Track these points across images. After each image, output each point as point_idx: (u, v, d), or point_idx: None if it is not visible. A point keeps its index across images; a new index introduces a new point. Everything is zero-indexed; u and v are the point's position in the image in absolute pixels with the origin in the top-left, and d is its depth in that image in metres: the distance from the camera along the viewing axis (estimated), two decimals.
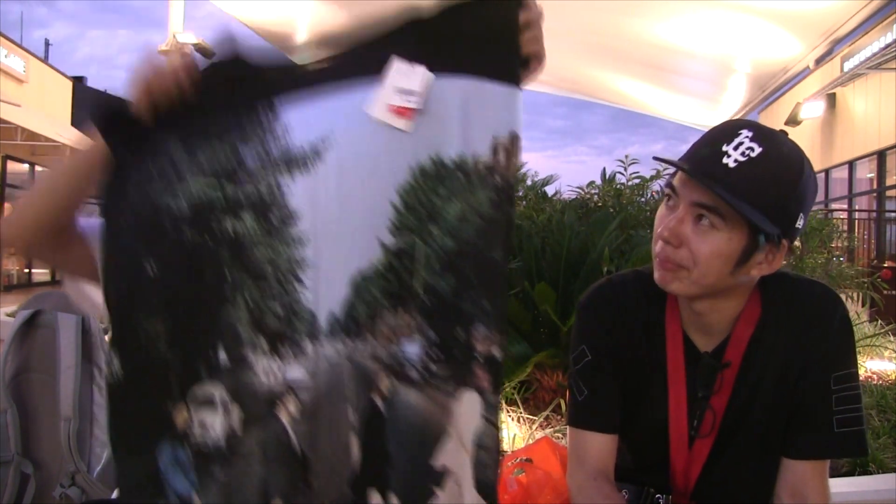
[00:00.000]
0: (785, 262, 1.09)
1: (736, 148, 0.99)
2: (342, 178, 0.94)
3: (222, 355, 0.94)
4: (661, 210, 1.08)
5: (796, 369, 1.09)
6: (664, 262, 1.05)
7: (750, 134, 1.00)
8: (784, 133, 1.06)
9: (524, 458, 1.33)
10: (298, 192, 0.94)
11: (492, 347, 0.92)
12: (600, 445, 1.14)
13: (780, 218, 1.00)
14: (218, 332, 0.94)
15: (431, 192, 0.94)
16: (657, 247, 1.06)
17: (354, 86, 0.96)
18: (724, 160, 0.99)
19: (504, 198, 0.93)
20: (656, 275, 1.07)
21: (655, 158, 1.22)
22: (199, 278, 0.95)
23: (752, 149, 0.99)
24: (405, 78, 0.95)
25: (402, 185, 0.94)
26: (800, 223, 1.03)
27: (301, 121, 0.95)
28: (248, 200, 0.94)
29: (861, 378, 3.98)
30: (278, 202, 0.94)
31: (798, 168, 1.01)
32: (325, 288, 0.93)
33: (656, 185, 4.66)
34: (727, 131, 1.02)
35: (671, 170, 1.08)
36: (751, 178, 0.98)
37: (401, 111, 0.94)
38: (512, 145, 0.93)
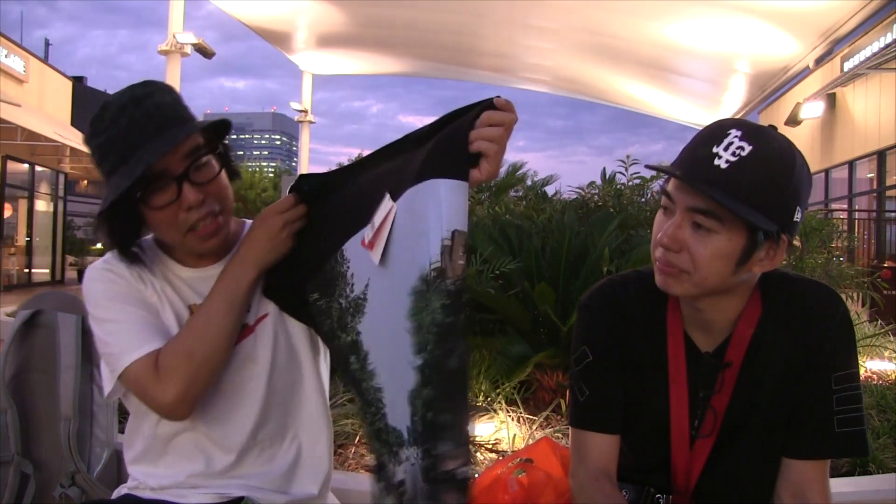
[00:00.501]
0: (785, 262, 1.09)
1: (726, 148, 0.99)
2: (379, 314, 1.06)
3: None
4: (659, 216, 1.08)
5: (797, 369, 1.09)
6: (665, 266, 1.05)
7: (739, 133, 1.00)
8: (773, 127, 1.06)
9: (525, 458, 1.33)
10: (363, 333, 1.09)
11: (459, 467, 0.89)
12: (602, 446, 1.15)
13: (778, 214, 1.00)
14: None
15: (423, 309, 0.96)
16: (657, 252, 1.06)
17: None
18: (716, 162, 0.99)
19: (456, 302, 0.92)
20: (658, 279, 1.07)
21: (648, 167, 1.20)
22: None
23: (742, 148, 0.98)
24: (378, 210, 1.05)
25: (409, 310, 0.97)
26: (797, 216, 1.03)
27: (357, 267, 1.10)
28: (349, 345, 1.11)
29: (861, 378, 3.97)
30: (357, 348, 1.09)
31: (790, 162, 1.01)
32: (394, 407, 1.01)
33: (656, 186, 4.67)
34: (716, 132, 1.02)
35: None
36: (744, 178, 0.98)
37: (370, 245, 1.05)
38: (455, 245, 0.91)
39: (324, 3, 10.72)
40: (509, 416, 2.76)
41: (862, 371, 3.91)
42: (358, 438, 2.58)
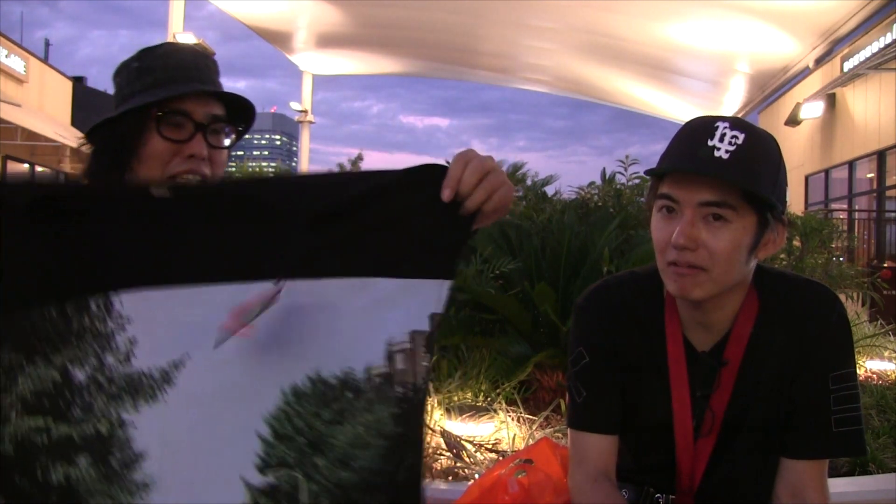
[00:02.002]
0: (785, 263, 1.10)
1: (721, 139, 1.01)
2: (197, 408, 0.79)
3: None
4: (658, 221, 1.06)
5: (794, 368, 1.09)
6: (683, 268, 1.03)
7: (727, 124, 1.02)
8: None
9: (525, 459, 1.33)
10: (144, 427, 0.78)
11: None
12: (601, 446, 1.14)
13: (779, 193, 1.04)
14: None
15: (312, 416, 0.80)
16: (670, 256, 1.03)
17: (218, 283, 0.81)
18: (717, 154, 1.00)
19: (410, 409, 0.81)
20: (674, 286, 1.05)
21: (647, 173, 1.15)
22: None
23: (736, 136, 1.01)
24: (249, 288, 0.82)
25: (272, 411, 0.79)
26: (785, 198, 1.07)
27: (149, 334, 0.79)
28: (83, 441, 0.76)
29: (861, 378, 3.97)
30: (120, 441, 0.77)
31: (775, 144, 1.07)
32: None
33: None
34: (705, 126, 1.03)
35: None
36: (748, 163, 1.00)
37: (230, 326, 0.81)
38: (415, 346, 0.81)
39: (324, 3, 10.72)
40: (509, 416, 2.76)
41: (862, 371, 3.90)
42: None
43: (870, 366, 3.99)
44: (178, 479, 0.78)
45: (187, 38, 9.18)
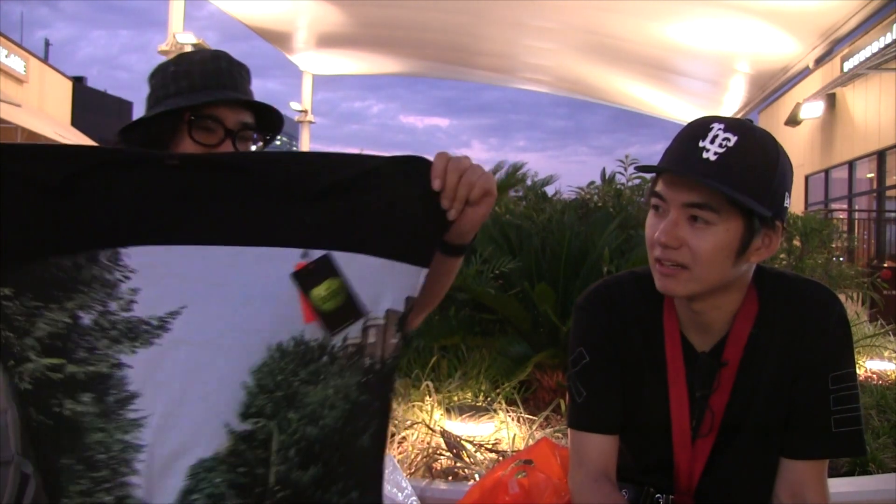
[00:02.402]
0: (785, 263, 1.10)
1: (713, 141, 1.01)
2: (189, 355, 0.84)
3: None
4: (651, 219, 1.08)
5: (793, 368, 1.09)
6: (665, 266, 1.05)
7: (722, 126, 1.02)
8: (749, 121, 1.08)
9: (526, 459, 1.33)
10: (139, 368, 0.83)
11: None
12: (601, 446, 1.14)
13: (770, 199, 1.02)
14: None
15: (291, 374, 0.85)
16: (656, 252, 1.06)
17: (218, 245, 0.86)
18: (705, 155, 1.00)
19: (377, 380, 0.88)
20: (659, 283, 1.07)
21: (638, 168, 1.22)
22: (40, 465, 0.88)
23: (728, 139, 1.00)
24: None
25: (258, 365, 0.84)
26: (787, 202, 1.05)
27: (152, 284, 0.84)
28: (87, 379, 0.83)
29: (861, 378, 3.97)
30: (116, 381, 0.82)
31: (774, 148, 1.03)
32: (159, 478, 0.82)
33: None
34: (700, 127, 1.03)
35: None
36: (735, 167, 0.99)
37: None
38: (388, 323, 0.88)
39: (324, 3, 10.73)
40: (509, 416, 2.77)
41: (862, 371, 3.90)
42: None
43: (870, 366, 3.99)
44: (168, 422, 0.82)
45: (187, 39, 9.18)
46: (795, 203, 12.60)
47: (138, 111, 1.25)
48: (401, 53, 13.79)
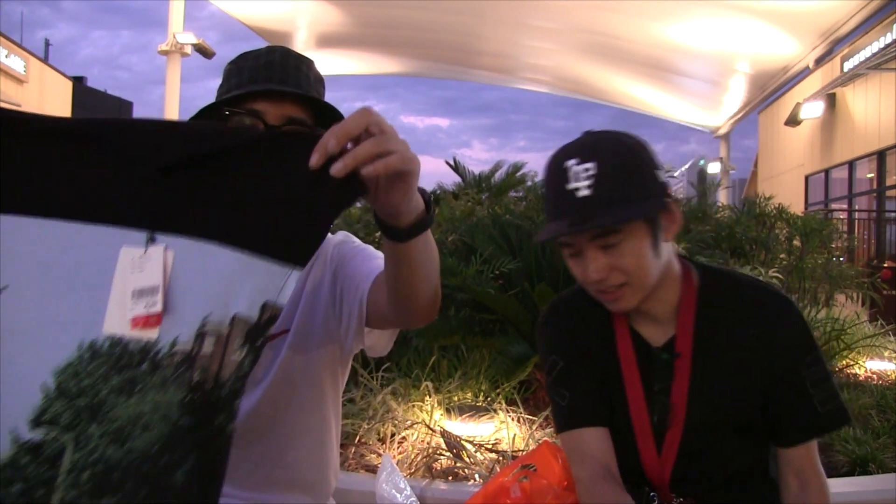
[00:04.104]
0: (785, 263, 1.12)
1: (576, 178, 1.05)
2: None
3: None
4: (571, 263, 1.13)
5: (756, 365, 1.13)
6: (608, 294, 1.10)
7: (574, 160, 1.06)
8: (588, 132, 1.13)
9: (528, 464, 1.33)
10: None
11: None
12: (597, 439, 1.16)
13: (650, 189, 1.07)
14: None
15: (101, 379, 0.70)
16: (593, 288, 1.11)
17: (53, 219, 0.75)
18: (579, 194, 1.05)
19: (205, 403, 0.70)
20: (611, 308, 1.13)
21: (539, 241, 1.26)
22: None
23: (587, 169, 1.05)
24: (139, 271, 0.73)
25: (63, 364, 0.71)
26: (662, 176, 1.10)
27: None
28: None
29: (861, 378, 3.95)
30: None
31: (626, 145, 1.08)
32: None
33: None
34: (558, 174, 1.08)
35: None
36: (608, 189, 1.04)
37: (147, 321, 0.72)
38: (232, 333, 0.71)
39: (324, 3, 10.73)
40: (509, 416, 2.77)
41: (862, 371, 3.90)
42: (358, 438, 2.59)
43: (870, 366, 3.98)
44: None
45: (187, 39, 9.18)
46: (795, 203, 12.61)
47: (138, 111, 1.23)
48: (401, 53, 13.80)
